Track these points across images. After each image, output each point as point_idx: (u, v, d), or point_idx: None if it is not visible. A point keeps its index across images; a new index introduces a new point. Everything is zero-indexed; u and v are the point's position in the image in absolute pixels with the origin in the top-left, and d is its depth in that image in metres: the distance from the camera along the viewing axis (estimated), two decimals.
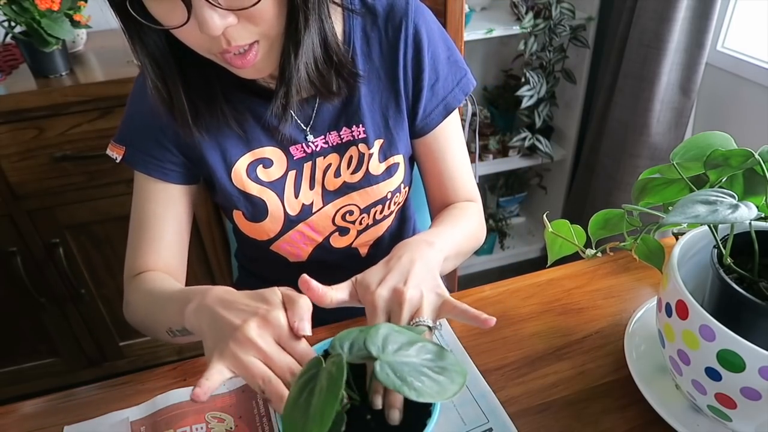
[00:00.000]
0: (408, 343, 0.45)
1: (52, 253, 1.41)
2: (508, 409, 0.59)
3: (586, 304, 0.73)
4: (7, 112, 1.21)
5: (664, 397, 0.57)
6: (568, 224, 0.74)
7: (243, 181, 0.72)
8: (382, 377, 0.41)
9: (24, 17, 1.17)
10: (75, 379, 1.62)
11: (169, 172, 0.73)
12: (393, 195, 0.78)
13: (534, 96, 1.84)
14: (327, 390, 0.40)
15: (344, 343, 0.46)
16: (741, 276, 0.52)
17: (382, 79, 0.73)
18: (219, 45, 0.57)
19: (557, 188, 2.18)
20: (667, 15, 1.46)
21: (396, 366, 0.42)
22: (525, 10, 1.74)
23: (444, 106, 0.76)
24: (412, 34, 0.72)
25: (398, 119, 0.75)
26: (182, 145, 0.72)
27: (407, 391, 0.40)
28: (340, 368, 0.40)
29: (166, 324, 0.64)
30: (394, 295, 0.56)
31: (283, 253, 0.80)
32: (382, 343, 0.44)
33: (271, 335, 0.51)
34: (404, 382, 0.41)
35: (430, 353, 0.45)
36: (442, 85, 0.75)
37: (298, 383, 0.43)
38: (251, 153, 0.72)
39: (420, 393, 0.40)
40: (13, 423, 0.62)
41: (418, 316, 0.55)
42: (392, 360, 0.42)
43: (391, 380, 0.41)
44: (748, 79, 1.47)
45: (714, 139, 0.59)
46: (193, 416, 0.60)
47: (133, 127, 0.73)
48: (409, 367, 0.42)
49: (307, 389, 0.42)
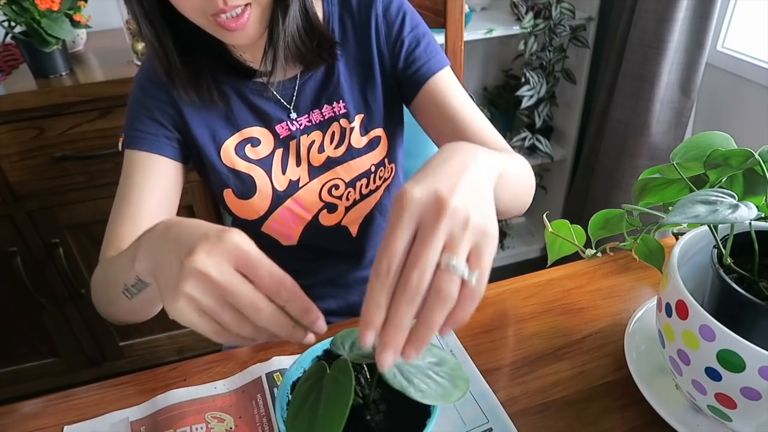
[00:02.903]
0: None
1: (52, 253, 1.41)
2: (508, 409, 0.59)
3: (586, 304, 0.73)
4: (7, 112, 1.21)
5: (664, 397, 0.57)
6: (568, 224, 0.74)
7: (232, 159, 0.75)
8: (389, 377, 0.41)
9: (24, 17, 1.17)
10: (75, 379, 1.62)
11: (163, 144, 0.73)
12: (377, 168, 0.80)
13: (534, 96, 1.84)
14: (336, 398, 0.40)
15: (345, 343, 0.46)
16: (741, 276, 0.52)
17: (358, 60, 0.77)
18: (215, 5, 0.60)
19: (557, 188, 2.18)
20: (667, 15, 1.46)
21: (402, 367, 0.42)
22: (525, 10, 1.74)
23: (435, 62, 0.77)
24: (382, 10, 0.76)
25: (376, 95, 0.78)
26: (177, 123, 0.74)
27: (413, 392, 0.41)
28: (347, 375, 0.40)
29: (120, 284, 0.54)
30: (432, 201, 0.38)
31: (275, 234, 0.81)
32: None
33: (228, 262, 0.40)
34: (410, 383, 0.41)
35: (435, 357, 0.45)
36: (424, 49, 0.77)
37: (301, 390, 0.43)
38: (239, 133, 0.76)
39: (425, 395, 0.41)
40: (13, 423, 0.62)
41: (451, 253, 0.37)
42: (398, 361, 0.42)
43: (398, 380, 0.41)
44: (748, 79, 1.47)
45: (714, 139, 0.59)
46: (193, 416, 0.60)
47: (131, 115, 0.75)
48: (415, 369, 0.43)
49: (312, 396, 0.41)
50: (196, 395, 0.62)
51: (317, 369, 0.44)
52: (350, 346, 0.46)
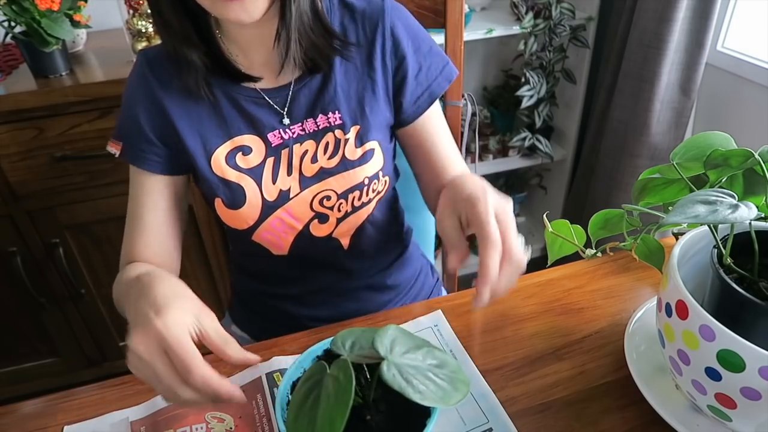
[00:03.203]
0: (415, 347, 0.45)
1: (52, 253, 1.41)
2: (508, 409, 0.59)
3: (586, 304, 0.73)
4: (7, 112, 1.21)
5: (664, 397, 0.57)
6: (568, 224, 0.74)
7: (222, 168, 0.75)
8: (388, 377, 0.41)
9: (24, 17, 1.17)
10: (75, 379, 1.62)
11: (153, 163, 0.75)
12: (371, 181, 0.79)
13: (534, 96, 1.84)
14: (336, 397, 0.40)
15: (346, 342, 0.46)
16: (741, 276, 0.52)
17: (357, 68, 0.76)
18: None
19: (557, 188, 2.18)
20: (667, 15, 1.46)
21: (402, 368, 0.42)
22: (525, 10, 1.74)
23: (429, 93, 0.79)
24: (390, 30, 0.75)
25: (374, 107, 0.77)
26: (164, 136, 0.74)
27: (411, 393, 0.41)
28: (348, 375, 0.40)
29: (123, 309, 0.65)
30: (501, 205, 0.60)
31: (265, 243, 0.80)
32: (390, 344, 0.44)
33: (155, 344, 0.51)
34: (409, 384, 0.41)
35: (435, 359, 0.45)
36: (425, 75, 0.78)
37: (301, 390, 0.43)
38: (231, 141, 0.75)
39: (424, 396, 0.41)
40: (13, 423, 0.62)
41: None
42: (399, 362, 0.43)
43: (397, 381, 0.41)
44: (748, 79, 1.47)
45: (714, 139, 0.59)
46: (193, 416, 0.60)
47: (124, 122, 0.76)
48: (415, 370, 0.43)
49: (312, 396, 0.42)
50: None
51: (317, 369, 0.44)
52: (350, 346, 0.45)
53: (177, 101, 0.73)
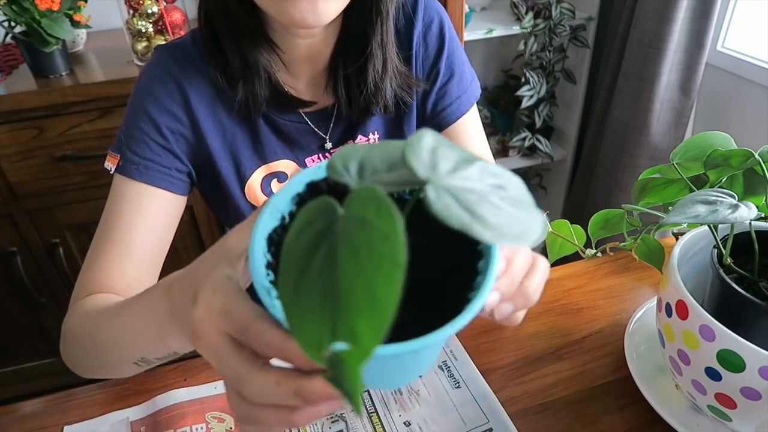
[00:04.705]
0: (465, 160, 0.28)
1: (52, 253, 1.41)
2: (508, 409, 0.59)
3: (586, 304, 0.73)
4: (7, 112, 1.21)
5: (664, 397, 0.57)
6: (568, 224, 0.74)
7: (257, 197, 0.70)
8: (440, 208, 0.24)
9: (24, 17, 1.17)
10: (75, 379, 1.61)
11: (175, 180, 0.65)
12: None
13: (534, 96, 1.84)
14: (372, 251, 0.23)
15: (350, 165, 0.28)
16: (741, 276, 0.52)
17: None
18: None
19: (557, 188, 2.18)
20: (667, 15, 1.46)
21: (458, 192, 0.25)
22: (525, 10, 1.74)
23: (465, 99, 0.75)
24: (423, 29, 0.71)
25: (410, 123, 0.74)
26: (194, 154, 0.66)
27: (480, 230, 0.24)
28: (388, 212, 0.23)
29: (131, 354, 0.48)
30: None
31: None
32: (430, 158, 0.26)
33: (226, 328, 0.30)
34: (474, 217, 0.24)
35: (495, 177, 0.28)
36: (456, 83, 0.74)
37: (300, 243, 0.25)
38: (266, 166, 0.70)
39: (499, 232, 0.24)
40: (13, 423, 0.62)
41: None
42: (451, 184, 0.26)
43: (456, 214, 0.24)
44: (748, 79, 1.47)
45: (714, 139, 0.59)
46: (193, 416, 0.60)
47: (133, 130, 0.64)
48: (476, 195, 0.26)
49: (321, 252, 0.24)
50: (197, 395, 0.62)
51: (321, 208, 0.25)
52: (358, 170, 0.28)
53: (209, 111, 0.64)
